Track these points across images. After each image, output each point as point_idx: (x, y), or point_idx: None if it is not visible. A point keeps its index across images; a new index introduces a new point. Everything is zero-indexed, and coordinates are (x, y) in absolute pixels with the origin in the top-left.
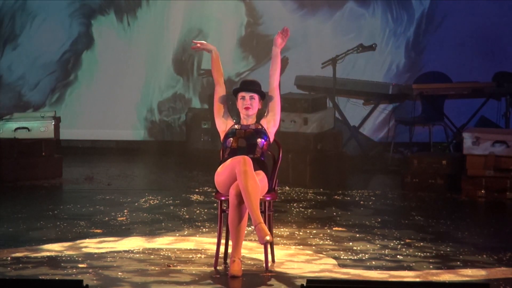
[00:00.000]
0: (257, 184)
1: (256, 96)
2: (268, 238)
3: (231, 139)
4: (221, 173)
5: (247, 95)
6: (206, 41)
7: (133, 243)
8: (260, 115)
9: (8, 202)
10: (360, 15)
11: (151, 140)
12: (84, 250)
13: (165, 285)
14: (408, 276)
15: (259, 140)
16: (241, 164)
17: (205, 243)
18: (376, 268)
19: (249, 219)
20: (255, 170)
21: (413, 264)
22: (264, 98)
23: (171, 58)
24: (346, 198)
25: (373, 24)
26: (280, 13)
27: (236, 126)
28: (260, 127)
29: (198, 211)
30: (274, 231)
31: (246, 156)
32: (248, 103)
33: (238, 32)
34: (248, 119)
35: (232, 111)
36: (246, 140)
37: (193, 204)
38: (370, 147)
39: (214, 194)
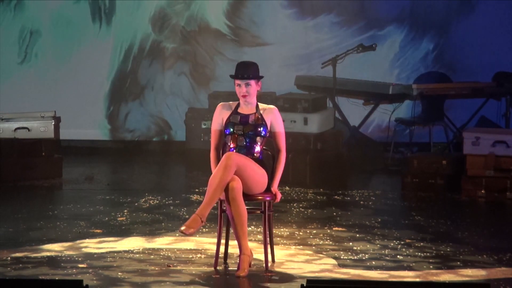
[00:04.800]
0: (232, 178)
1: (252, 82)
2: (185, 231)
3: (230, 137)
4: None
5: (242, 83)
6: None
7: (133, 243)
8: (260, 98)
9: (8, 202)
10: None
11: (151, 140)
12: (84, 250)
13: (165, 285)
14: (408, 276)
15: (258, 138)
16: (224, 158)
17: (205, 243)
18: (376, 268)
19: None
20: None
21: (413, 264)
22: (261, 78)
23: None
24: (346, 198)
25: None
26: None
27: (233, 119)
28: (260, 121)
29: None
30: (274, 231)
31: (233, 153)
32: (245, 91)
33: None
34: (248, 106)
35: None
36: (245, 139)
37: (193, 204)
38: (370, 147)
39: None
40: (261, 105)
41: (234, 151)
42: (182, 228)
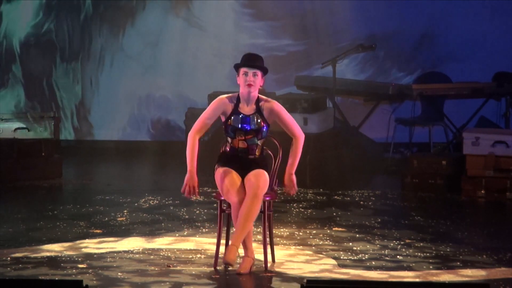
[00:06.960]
0: (258, 208)
1: (259, 73)
2: (229, 261)
3: (231, 140)
4: (220, 179)
5: (250, 71)
6: None
7: (133, 243)
8: (260, 92)
9: (8, 202)
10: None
11: (151, 140)
12: (84, 250)
13: (165, 285)
14: (408, 276)
15: (259, 141)
16: (253, 187)
17: (205, 243)
18: (376, 268)
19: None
20: (255, 169)
21: (413, 264)
22: (266, 73)
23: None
24: (346, 198)
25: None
26: None
27: (234, 122)
28: (261, 124)
29: (198, 211)
30: (274, 231)
31: (259, 175)
32: (251, 80)
33: None
34: (249, 100)
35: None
36: (247, 142)
37: (193, 204)
38: (370, 147)
39: (214, 194)
40: (261, 98)
41: (234, 151)
42: (228, 261)
